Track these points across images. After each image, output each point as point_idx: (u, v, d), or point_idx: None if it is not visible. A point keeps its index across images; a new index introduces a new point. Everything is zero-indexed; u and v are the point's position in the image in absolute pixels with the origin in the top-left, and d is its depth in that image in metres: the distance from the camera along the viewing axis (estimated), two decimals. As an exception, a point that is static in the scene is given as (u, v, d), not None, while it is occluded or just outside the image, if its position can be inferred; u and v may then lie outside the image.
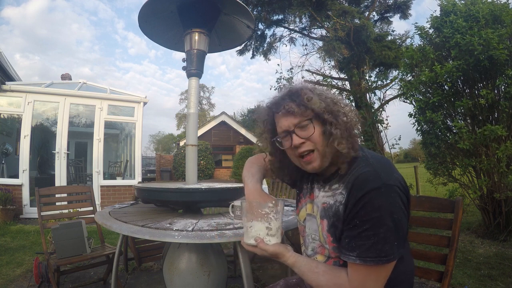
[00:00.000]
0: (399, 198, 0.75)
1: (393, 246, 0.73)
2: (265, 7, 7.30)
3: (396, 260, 0.78)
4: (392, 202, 0.74)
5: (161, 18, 1.95)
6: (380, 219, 0.73)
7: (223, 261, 1.62)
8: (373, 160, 0.80)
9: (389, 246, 0.73)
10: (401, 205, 0.75)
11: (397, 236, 0.74)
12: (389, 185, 0.75)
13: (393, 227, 0.73)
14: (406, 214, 0.77)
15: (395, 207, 0.74)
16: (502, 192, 2.98)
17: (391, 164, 0.83)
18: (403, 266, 0.83)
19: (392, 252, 0.73)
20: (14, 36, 62.55)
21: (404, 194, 0.77)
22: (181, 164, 11.32)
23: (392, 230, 0.73)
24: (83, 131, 7.70)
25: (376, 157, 0.83)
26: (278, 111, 0.86)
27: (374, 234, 0.73)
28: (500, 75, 3.01)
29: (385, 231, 0.72)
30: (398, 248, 0.74)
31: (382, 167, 0.78)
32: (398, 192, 0.75)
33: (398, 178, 0.78)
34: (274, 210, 0.87)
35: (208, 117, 31.40)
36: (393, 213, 0.73)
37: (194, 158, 1.82)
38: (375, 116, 5.04)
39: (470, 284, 2.22)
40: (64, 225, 2.03)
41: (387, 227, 0.72)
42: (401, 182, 0.78)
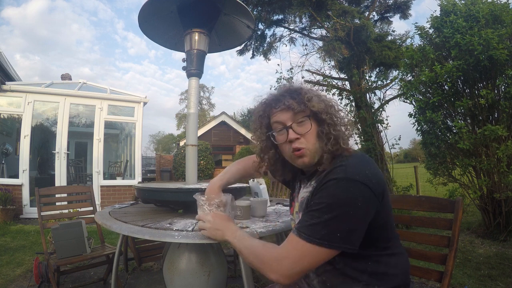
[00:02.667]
0: (359, 193, 0.74)
1: (332, 235, 0.74)
2: (265, 7, 7.29)
3: (385, 254, 0.84)
4: (348, 195, 0.74)
5: (161, 18, 1.95)
6: (329, 207, 0.75)
7: (223, 261, 1.62)
8: (351, 159, 0.82)
9: (327, 233, 0.74)
10: (358, 201, 0.74)
11: (341, 227, 0.74)
12: (351, 179, 0.75)
13: (339, 218, 0.74)
14: (364, 210, 0.75)
15: (349, 200, 0.74)
16: (502, 192, 2.98)
17: (370, 163, 0.82)
18: (393, 260, 0.86)
19: (328, 239, 0.74)
20: (14, 36, 62.67)
21: (372, 192, 0.76)
22: (181, 164, 11.31)
23: (336, 220, 0.74)
24: (83, 131, 7.71)
25: (356, 157, 0.83)
26: (277, 107, 0.89)
27: (318, 217, 0.76)
28: (500, 75, 3.01)
29: (329, 218, 0.74)
30: (339, 240, 0.74)
31: (354, 164, 0.79)
32: (361, 188, 0.75)
33: (369, 176, 0.76)
34: (207, 203, 1.07)
35: (208, 117, 31.40)
36: (345, 205, 0.74)
37: (194, 158, 1.82)
38: (375, 116, 5.04)
39: (470, 284, 2.22)
40: (64, 225, 2.03)
41: (332, 216, 0.74)
42: (372, 180, 0.76)
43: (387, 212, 0.85)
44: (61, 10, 65.75)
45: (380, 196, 0.79)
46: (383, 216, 0.82)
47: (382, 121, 4.96)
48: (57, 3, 66.39)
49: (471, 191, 3.30)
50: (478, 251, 2.92)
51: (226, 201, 1.10)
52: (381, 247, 0.85)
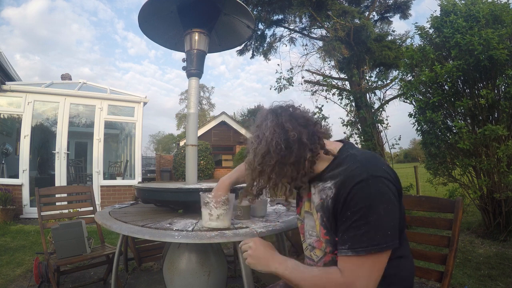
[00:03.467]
0: (388, 188, 0.76)
1: (385, 234, 0.73)
2: (265, 7, 7.29)
3: (395, 256, 0.79)
4: (381, 192, 0.75)
5: (161, 18, 1.95)
6: (370, 208, 0.74)
7: (223, 261, 1.62)
8: (361, 157, 0.82)
9: (381, 235, 0.73)
10: (390, 195, 0.76)
11: (388, 224, 0.74)
12: (376, 176, 0.76)
13: (383, 215, 0.73)
14: (396, 205, 0.77)
15: (383, 196, 0.75)
16: (502, 192, 2.98)
17: (378, 157, 0.85)
18: (402, 263, 0.84)
19: (384, 241, 0.73)
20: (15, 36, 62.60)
21: (393, 184, 0.78)
22: (181, 164, 11.31)
23: (382, 218, 0.73)
24: (83, 131, 7.71)
25: (363, 153, 0.85)
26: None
27: (365, 223, 0.73)
28: (500, 75, 3.01)
29: (376, 219, 0.73)
30: (391, 238, 0.74)
31: (368, 161, 0.80)
32: (386, 182, 0.76)
33: (386, 170, 0.79)
34: (213, 201, 1.12)
35: (208, 117, 31.41)
36: (382, 201, 0.74)
37: (194, 158, 1.82)
38: (375, 116, 5.04)
39: (470, 284, 2.22)
40: (64, 225, 2.03)
41: (377, 215, 0.73)
42: (390, 174, 0.79)
43: (401, 211, 0.84)
44: (61, 10, 65.74)
45: (399, 191, 0.81)
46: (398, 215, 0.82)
47: (382, 121, 4.96)
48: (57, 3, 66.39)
49: (471, 191, 3.30)
50: (478, 251, 2.92)
51: (231, 199, 1.16)
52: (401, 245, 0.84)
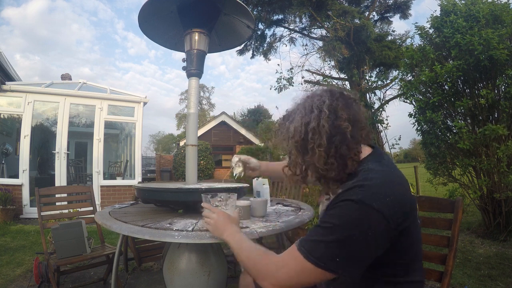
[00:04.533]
0: (369, 224, 0.66)
1: (331, 258, 0.68)
2: (265, 7, 7.30)
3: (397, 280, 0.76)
4: (359, 222, 0.67)
5: (161, 18, 1.95)
6: (335, 228, 0.69)
7: (223, 261, 1.62)
8: (375, 178, 0.72)
9: (326, 255, 0.68)
10: (369, 231, 0.66)
11: (343, 254, 0.68)
12: (367, 205, 0.67)
13: (343, 243, 0.67)
14: (372, 243, 0.68)
15: (359, 227, 0.66)
16: (502, 192, 2.98)
17: (396, 185, 0.73)
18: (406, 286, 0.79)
19: (325, 261, 0.68)
20: (15, 36, 62.72)
21: (387, 223, 0.67)
22: (181, 164, 11.31)
23: (340, 244, 0.68)
24: (83, 131, 7.71)
25: (379, 174, 0.74)
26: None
27: (322, 234, 0.70)
28: (500, 75, 3.01)
29: (332, 240, 0.68)
30: (337, 266, 0.68)
31: (376, 186, 0.70)
32: (375, 217, 0.66)
33: (388, 204, 0.67)
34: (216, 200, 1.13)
35: (208, 117, 31.40)
36: (353, 232, 0.67)
37: (194, 158, 1.82)
38: (375, 116, 5.04)
39: (470, 284, 2.22)
40: (64, 225, 2.03)
41: (336, 238, 0.68)
42: (390, 209, 0.67)
43: (411, 241, 0.75)
44: (61, 10, 65.89)
45: (396, 225, 0.70)
46: (403, 243, 0.73)
47: (382, 121, 4.96)
48: (57, 3, 66.48)
49: (471, 191, 3.29)
50: (478, 251, 2.92)
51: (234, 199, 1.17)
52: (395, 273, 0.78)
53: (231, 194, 1.16)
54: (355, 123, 0.78)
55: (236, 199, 1.19)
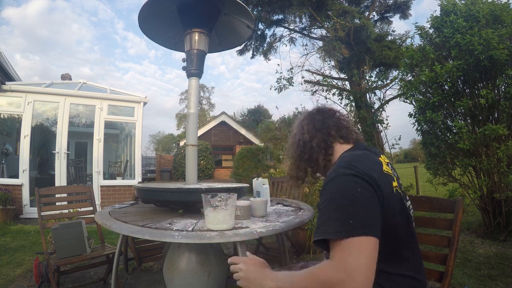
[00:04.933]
0: (355, 183, 0.77)
1: (347, 223, 0.72)
2: (265, 7, 7.30)
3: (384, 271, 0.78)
4: (344, 185, 0.78)
5: (161, 18, 1.95)
6: (330, 202, 0.78)
7: (223, 261, 1.62)
8: (345, 158, 0.89)
9: (341, 223, 0.72)
10: (357, 189, 0.76)
11: (357, 210, 0.74)
12: (342, 173, 0.80)
13: (343, 208, 0.74)
14: (364, 197, 0.76)
15: (347, 188, 0.77)
16: (502, 192, 2.98)
17: (362, 158, 0.88)
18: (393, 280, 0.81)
19: (345, 228, 0.71)
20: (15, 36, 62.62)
21: (365, 181, 0.78)
22: (181, 164, 11.32)
23: (342, 210, 0.74)
24: (83, 131, 7.71)
25: (351, 155, 0.91)
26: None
27: (324, 214, 0.77)
28: (500, 75, 3.01)
29: (334, 210, 0.76)
30: (356, 227, 0.71)
31: (346, 161, 0.85)
32: (353, 178, 0.78)
33: (357, 167, 0.80)
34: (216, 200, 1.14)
35: (208, 117, 31.40)
36: (346, 192, 0.76)
37: (194, 158, 1.82)
38: (375, 116, 5.04)
39: (470, 284, 2.22)
40: (64, 225, 2.03)
41: (336, 207, 0.76)
42: (360, 170, 0.79)
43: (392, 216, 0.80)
44: (61, 10, 65.75)
45: (376, 186, 0.78)
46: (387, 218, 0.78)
47: (382, 121, 4.96)
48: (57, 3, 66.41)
49: (471, 191, 3.29)
50: (478, 251, 2.92)
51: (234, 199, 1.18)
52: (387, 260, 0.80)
53: (231, 194, 1.16)
54: (318, 133, 1.01)
55: (236, 199, 1.19)
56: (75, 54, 70.55)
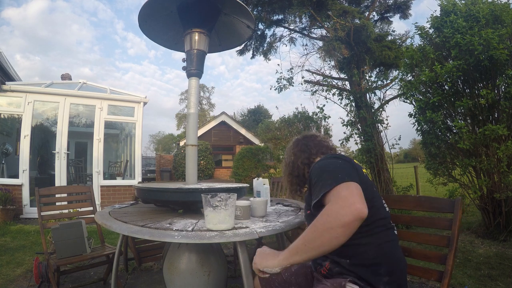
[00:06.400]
0: (335, 158, 1.02)
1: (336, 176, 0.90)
2: (265, 7, 7.29)
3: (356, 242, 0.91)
4: (327, 161, 1.02)
5: (161, 18, 1.95)
6: (320, 170, 0.97)
7: (223, 261, 1.62)
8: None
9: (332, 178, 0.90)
10: (337, 161, 1.00)
11: (341, 169, 0.94)
12: (324, 158, 1.08)
13: (333, 169, 0.94)
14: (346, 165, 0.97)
15: (330, 162, 1.00)
16: (502, 192, 2.98)
17: (333, 154, 1.12)
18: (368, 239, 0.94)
19: (336, 179, 0.89)
20: (15, 36, 62.67)
21: (344, 159, 1.02)
22: (181, 164, 11.31)
23: (333, 170, 0.94)
24: (83, 131, 7.70)
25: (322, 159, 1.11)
26: None
27: (320, 179, 0.95)
28: (500, 75, 3.01)
29: (328, 172, 0.94)
30: (349, 174, 0.92)
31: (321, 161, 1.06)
32: (334, 158, 1.03)
33: (335, 155, 1.09)
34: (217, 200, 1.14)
35: (208, 117, 31.41)
36: (330, 164, 0.98)
37: (194, 158, 1.82)
38: (375, 116, 5.04)
39: (470, 284, 2.22)
40: (64, 225, 2.03)
41: (328, 171, 0.94)
42: (338, 155, 1.08)
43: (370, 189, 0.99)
44: (61, 11, 65.78)
45: (353, 166, 1.00)
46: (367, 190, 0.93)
47: (382, 121, 4.96)
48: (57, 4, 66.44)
49: (471, 191, 3.29)
50: (478, 251, 2.92)
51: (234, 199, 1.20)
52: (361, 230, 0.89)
53: (231, 194, 1.16)
54: (302, 153, 1.25)
55: (236, 199, 1.19)
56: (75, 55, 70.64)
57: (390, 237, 0.99)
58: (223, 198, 1.14)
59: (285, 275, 1.16)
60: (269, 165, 10.79)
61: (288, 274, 1.16)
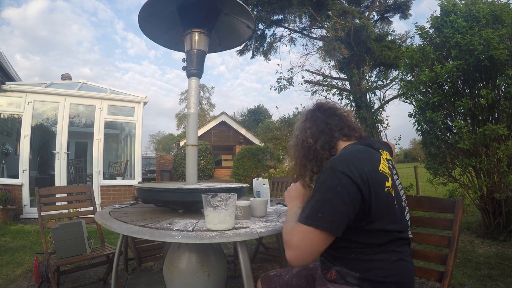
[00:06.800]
0: (339, 182, 0.84)
1: (315, 214, 0.85)
2: (265, 7, 7.29)
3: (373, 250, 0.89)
4: (329, 182, 0.86)
5: (161, 18, 1.95)
6: (315, 191, 0.89)
7: (223, 261, 1.62)
8: (343, 152, 0.95)
9: (311, 212, 0.86)
10: (338, 187, 0.84)
11: (323, 209, 0.85)
12: (333, 168, 0.87)
13: (321, 200, 0.86)
14: (344, 198, 0.84)
15: (330, 185, 0.85)
16: (502, 192, 2.98)
17: (357, 154, 0.92)
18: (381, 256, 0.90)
19: (311, 218, 0.85)
20: (15, 36, 62.67)
21: (353, 182, 0.84)
22: (181, 164, 11.31)
23: (319, 202, 0.86)
24: (83, 131, 7.70)
25: (351, 150, 0.95)
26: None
27: (308, 201, 0.91)
28: (501, 75, 3.01)
29: (314, 201, 0.87)
30: (321, 220, 0.84)
31: (343, 156, 0.91)
32: (341, 176, 0.84)
33: (350, 167, 0.85)
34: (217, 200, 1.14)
35: (208, 117, 31.40)
36: (326, 190, 0.86)
37: (194, 158, 1.82)
38: (375, 116, 5.04)
39: (470, 284, 2.22)
40: (64, 225, 2.03)
41: (316, 198, 0.87)
42: (353, 170, 0.85)
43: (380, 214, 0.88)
44: (61, 11, 65.79)
45: (365, 188, 0.85)
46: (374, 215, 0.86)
47: (382, 121, 4.96)
48: (57, 4, 66.45)
49: (471, 191, 3.29)
50: (478, 251, 2.92)
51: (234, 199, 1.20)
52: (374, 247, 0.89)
53: (231, 194, 1.16)
54: (321, 134, 1.02)
55: (236, 199, 1.19)
56: (75, 55, 70.67)
57: (404, 253, 0.94)
58: (223, 198, 1.14)
59: (287, 277, 1.15)
60: (269, 165, 10.79)
61: (290, 276, 1.15)
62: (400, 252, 0.92)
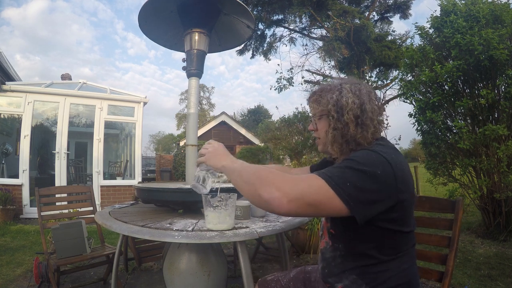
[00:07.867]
0: (381, 164, 0.73)
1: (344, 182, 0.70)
2: (265, 7, 7.29)
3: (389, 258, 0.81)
4: (374, 161, 0.74)
5: (161, 18, 1.95)
6: (350, 161, 0.74)
7: (223, 261, 1.62)
8: (385, 148, 0.82)
9: (340, 177, 0.71)
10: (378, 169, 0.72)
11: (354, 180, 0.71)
12: (382, 155, 0.75)
13: (356, 172, 0.72)
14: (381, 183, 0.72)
15: (372, 165, 0.73)
16: (502, 192, 2.98)
17: (397, 152, 0.82)
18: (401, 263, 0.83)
19: (337, 181, 0.70)
20: (15, 36, 62.74)
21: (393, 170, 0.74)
22: (181, 164, 11.30)
23: (353, 172, 0.72)
24: (83, 131, 7.70)
25: (392, 149, 0.84)
26: (310, 98, 1.01)
27: (337, 166, 0.76)
28: (501, 75, 3.01)
29: (347, 167, 0.73)
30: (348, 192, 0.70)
31: (388, 151, 0.80)
32: (382, 160, 0.74)
33: (397, 165, 0.75)
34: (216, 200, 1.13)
35: (208, 117, 31.40)
36: (366, 165, 0.72)
37: (194, 158, 1.81)
38: (375, 116, 5.04)
39: (470, 284, 2.22)
40: (64, 225, 2.03)
41: (350, 166, 0.73)
42: (397, 169, 0.74)
43: (406, 211, 0.80)
44: (61, 11, 65.88)
45: (400, 182, 0.75)
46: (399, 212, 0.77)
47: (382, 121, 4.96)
48: (57, 4, 66.53)
49: (471, 191, 3.29)
50: (478, 251, 2.92)
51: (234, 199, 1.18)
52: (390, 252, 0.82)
53: (231, 194, 1.16)
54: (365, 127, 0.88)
55: (236, 199, 1.19)
56: (75, 55, 70.73)
57: (414, 259, 0.89)
58: (223, 198, 1.14)
59: (284, 281, 1.14)
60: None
61: (287, 280, 1.14)
62: (412, 257, 0.88)
